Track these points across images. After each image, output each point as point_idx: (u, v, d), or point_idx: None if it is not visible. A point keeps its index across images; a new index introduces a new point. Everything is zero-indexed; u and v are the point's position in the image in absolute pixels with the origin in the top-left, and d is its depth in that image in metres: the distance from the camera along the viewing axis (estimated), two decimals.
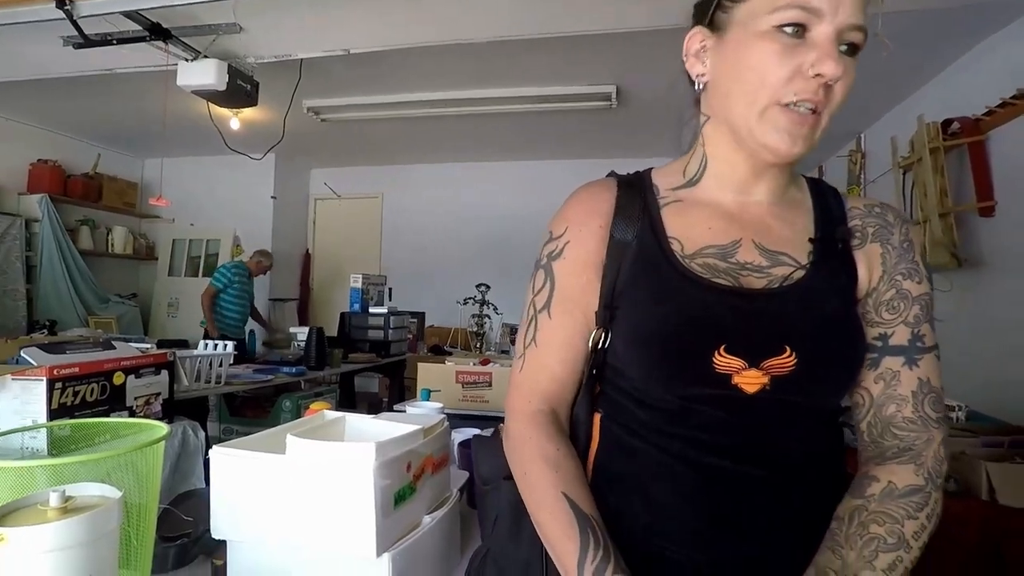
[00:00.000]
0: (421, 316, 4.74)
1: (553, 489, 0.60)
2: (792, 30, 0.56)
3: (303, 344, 3.27)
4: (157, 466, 0.66)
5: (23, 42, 2.71)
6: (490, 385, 1.81)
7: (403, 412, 1.35)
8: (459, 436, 1.28)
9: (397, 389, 4.01)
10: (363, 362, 3.65)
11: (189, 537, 0.82)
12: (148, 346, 2.01)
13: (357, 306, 4.08)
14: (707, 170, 0.67)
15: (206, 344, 2.46)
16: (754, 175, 0.65)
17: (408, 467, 0.79)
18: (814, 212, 0.68)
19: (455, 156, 5.37)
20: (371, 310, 4.04)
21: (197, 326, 4.52)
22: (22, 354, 1.14)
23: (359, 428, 0.92)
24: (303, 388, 3.30)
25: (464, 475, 1.12)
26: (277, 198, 5.49)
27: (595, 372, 0.67)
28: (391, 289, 4.49)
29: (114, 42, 2.58)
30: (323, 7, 2.41)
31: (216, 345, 2.40)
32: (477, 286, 3.21)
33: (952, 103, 2.74)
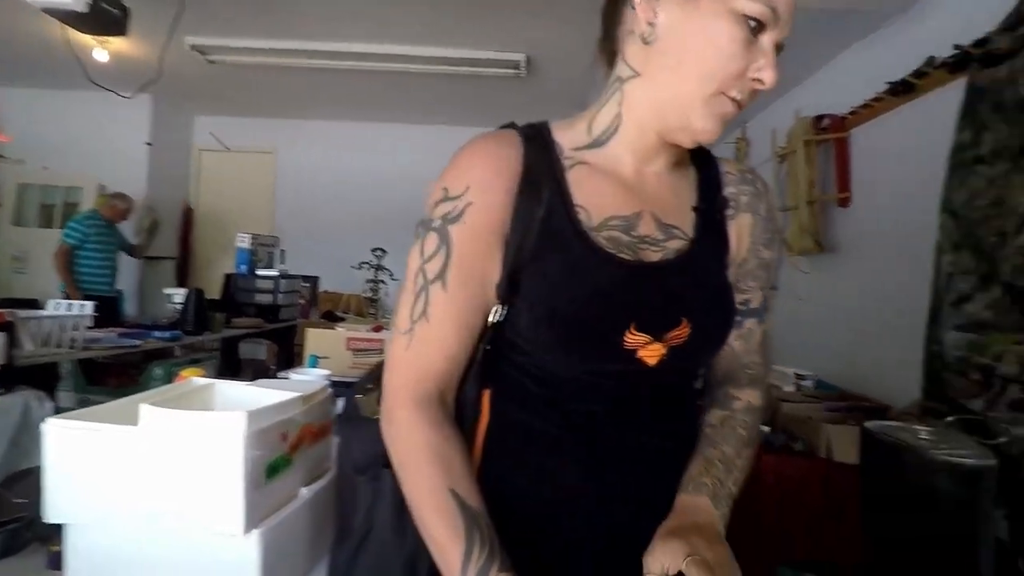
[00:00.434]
0: (314, 280, 4.53)
1: (441, 485, 0.56)
2: (755, 25, 0.56)
3: (180, 308, 3.02)
4: None
5: None
6: (382, 352, 1.77)
7: (286, 380, 1.29)
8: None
9: (286, 357, 3.84)
10: (248, 327, 3.44)
11: (21, 521, 0.73)
12: None
13: (244, 268, 3.82)
14: (618, 132, 0.64)
15: (58, 304, 2.19)
16: (659, 145, 0.64)
17: (284, 437, 0.75)
18: (697, 179, 0.69)
19: (357, 115, 5.13)
20: (260, 272, 3.81)
21: (49, 283, 4.00)
22: None
23: (230, 396, 0.86)
24: (178, 355, 3.06)
25: None
26: (153, 145, 4.95)
27: (488, 348, 0.63)
28: (284, 251, 4.25)
29: None
30: None
31: (71, 305, 2.15)
32: (373, 251, 3.11)
33: (826, 101, 2.99)
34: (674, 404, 0.67)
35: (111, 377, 2.86)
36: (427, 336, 0.60)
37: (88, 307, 2.16)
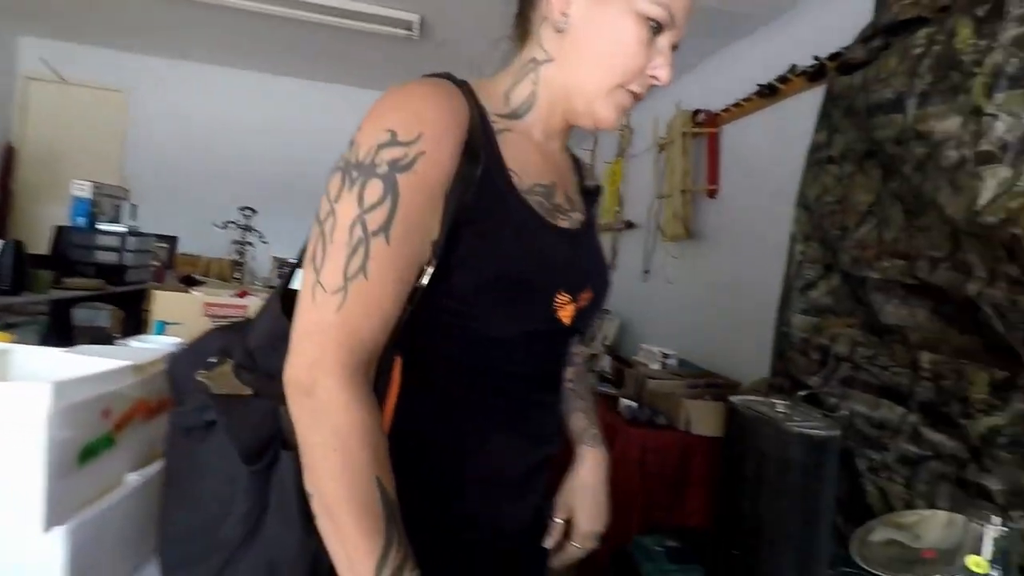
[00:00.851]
0: (172, 241, 4.06)
1: (369, 473, 0.51)
2: (655, 26, 0.62)
3: None
4: None
5: None
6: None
7: (124, 347, 1.12)
8: None
9: (134, 324, 3.41)
10: (86, 289, 3.00)
11: None
12: None
13: (83, 220, 3.32)
14: (532, 108, 0.68)
15: None
16: (563, 126, 0.71)
17: (106, 414, 0.64)
18: (572, 164, 0.79)
19: (230, 60, 4.61)
20: (102, 227, 3.33)
21: None
22: None
23: (39, 366, 0.72)
24: None
25: None
26: None
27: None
28: (135, 206, 3.75)
29: None
30: None
31: None
32: (241, 209, 2.83)
33: (704, 96, 3.18)
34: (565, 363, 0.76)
35: None
36: (365, 297, 0.53)
37: None
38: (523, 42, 0.69)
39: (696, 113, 3.12)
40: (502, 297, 0.60)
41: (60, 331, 3.04)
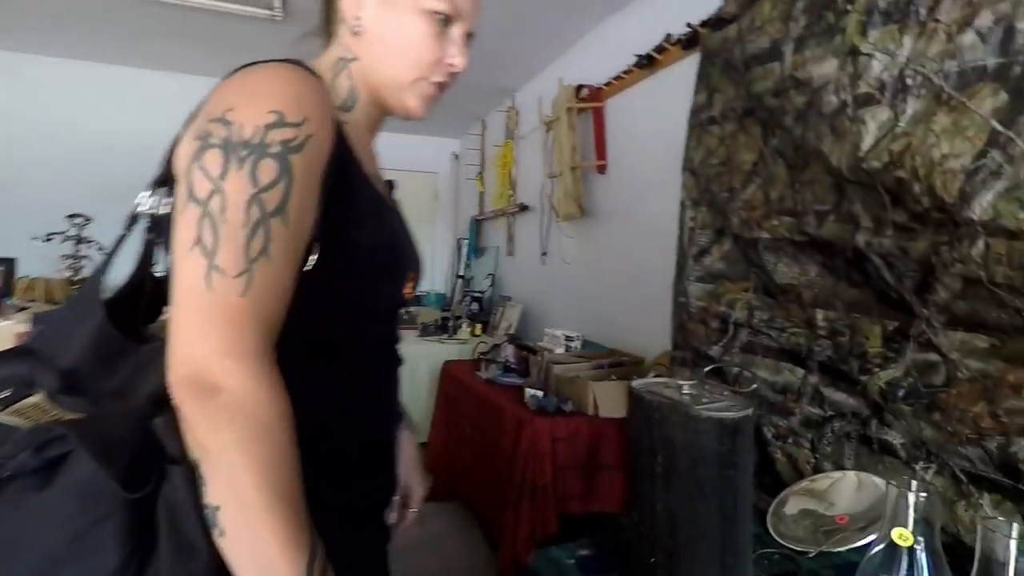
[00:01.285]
0: (9, 263, 3.42)
1: (295, 468, 0.49)
2: (442, 19, 0.67)
3: None
4: None
5: None
6: None
7: None
8: None
9: None
10: None
11: None
12: None
13: None
14: (358, 103, 0.70)
15: None
16: (379, 121, 0.74)
17: None
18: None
19: (53, 47, 3.97)
20: None
21: None
22: None
23: None
24: None
25: None
26: None
27: None
28: None
29: None
30: None
31: None
32: (70, 217, 2.40)
33: (587, 70, 3.13)
34: None
35: None
36: (270, 279, 0.52)
37: None
38: (329, 40, 0.72)
39: (579, 89, 3.06)
40: (373, 275, 0.64)
41: None
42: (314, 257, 0.57)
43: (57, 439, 0.48)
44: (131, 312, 0.60)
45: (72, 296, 0.60)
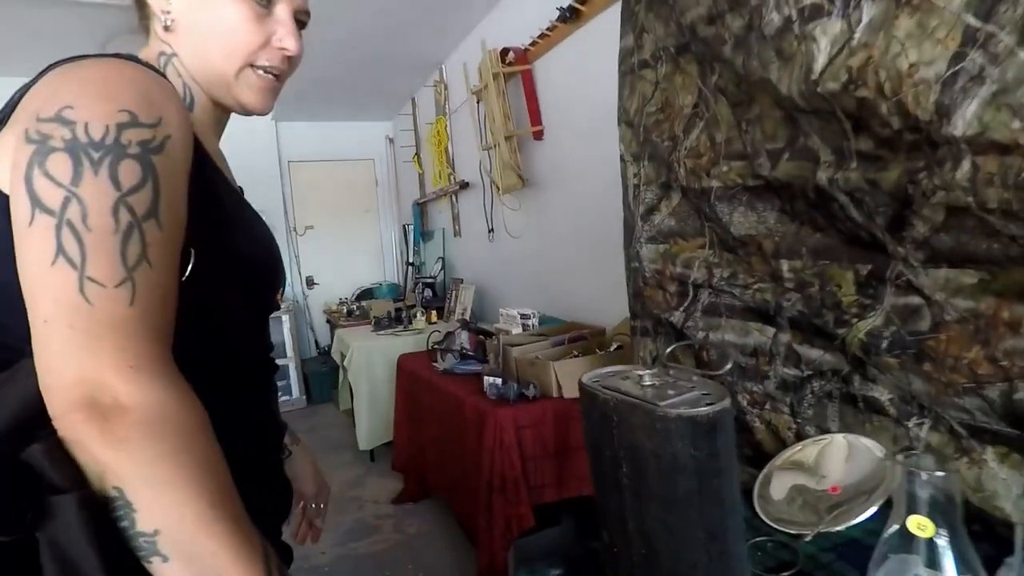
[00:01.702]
0: None
1: (226, 479, 0.47)
2: (262, 0, 0.63)
3: None
4: None
5: None
6: None
7: None
8: None
9: None
10: None
11: None
12: None
13: None
14: (196, 102, 0.66)
15: None
16: (223, 121, 0.70)
17: None
18: None
19: None
20: None
21: None
22: None
23: None
24: None
25: None
26: None
27: None
28: None
29: None
30: None
31: None
32: None
33: (511, 32, 2.93)
34: None
35: None
36: (154, 285, 0.48)
37: None
38: (147, 35, 0.67)
39: (505, 52, 2.87)
40: (247, 281, 0.62)
41: None
42: (190, 265, 0.54)
43: None
44: None
45: None
